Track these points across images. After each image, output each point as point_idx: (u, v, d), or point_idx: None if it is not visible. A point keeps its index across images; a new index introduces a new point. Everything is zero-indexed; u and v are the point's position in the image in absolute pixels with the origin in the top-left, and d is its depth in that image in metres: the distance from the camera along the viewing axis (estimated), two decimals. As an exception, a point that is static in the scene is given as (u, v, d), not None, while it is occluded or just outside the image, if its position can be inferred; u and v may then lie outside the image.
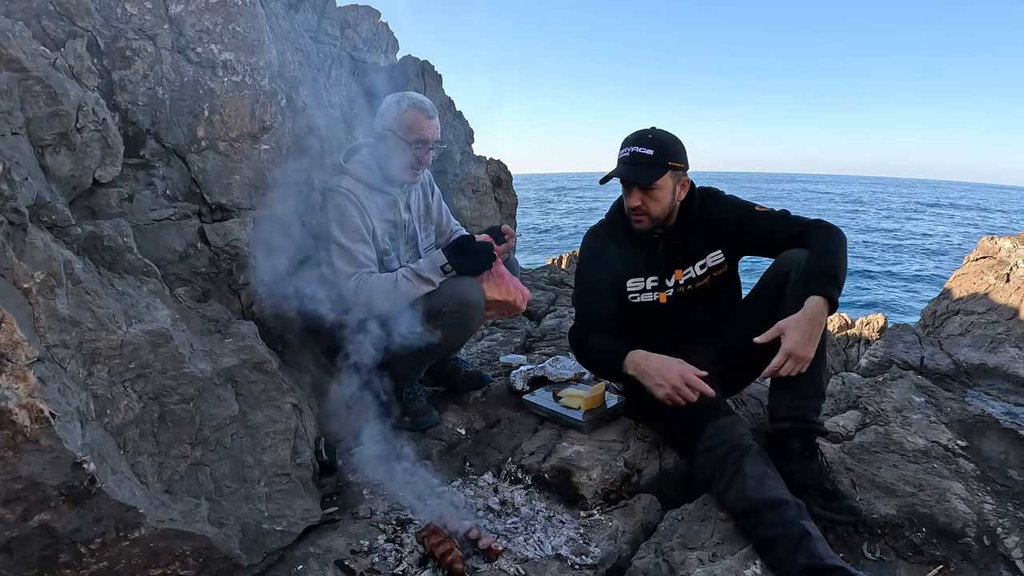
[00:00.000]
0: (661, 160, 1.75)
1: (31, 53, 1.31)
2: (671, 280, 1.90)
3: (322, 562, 1.39)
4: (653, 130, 1.80)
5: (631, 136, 1.81)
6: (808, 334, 1.53)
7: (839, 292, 1.58)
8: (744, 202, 1.89)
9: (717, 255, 1.90)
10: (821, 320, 1.55)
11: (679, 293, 1.91)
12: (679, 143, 1.80)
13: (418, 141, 1.94)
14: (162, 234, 1.64)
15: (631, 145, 1.78)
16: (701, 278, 1.90)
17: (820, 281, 1.57)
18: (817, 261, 1.62)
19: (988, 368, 2.59)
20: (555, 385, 2.20)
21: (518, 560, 1.42)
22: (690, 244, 1.88)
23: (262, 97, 1.91)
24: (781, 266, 1.72)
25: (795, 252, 1.70)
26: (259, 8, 1.95)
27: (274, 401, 1.55)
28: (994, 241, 4.58)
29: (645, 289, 1.92)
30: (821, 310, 1.54)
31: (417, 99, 1.95)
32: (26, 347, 1.00)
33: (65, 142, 1.36)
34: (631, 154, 1.77)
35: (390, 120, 1.94)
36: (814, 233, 1.71)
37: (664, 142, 1.77)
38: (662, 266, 1.90)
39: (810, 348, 1.53)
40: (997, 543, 1.44)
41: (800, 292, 1.59)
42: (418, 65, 6.97)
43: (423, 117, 1.94)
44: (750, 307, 1.84)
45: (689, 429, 1.65)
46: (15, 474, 0.97)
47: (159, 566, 1.19)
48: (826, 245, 1.66)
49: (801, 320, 1.54)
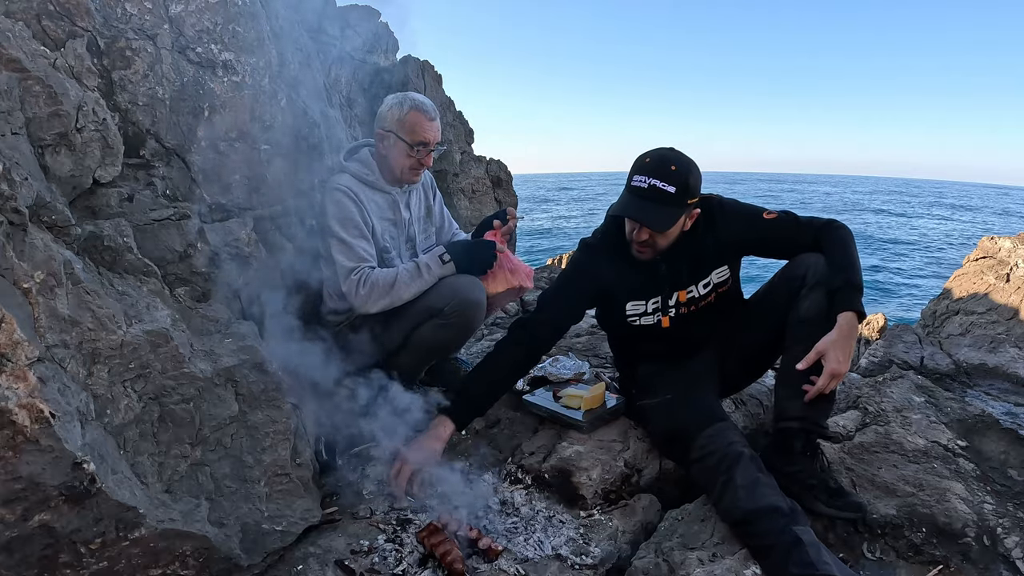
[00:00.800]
0: (681, 200, 1.60)
1: (31, 53, 1.31)
2: (673, 301, 1.83)
3: (322, 562, 1.39)
4: (676, 159, 1.61)
5: (651, 163, 1.62)
6: (847, 352, 1.54)
7: (862, 298, 1.59)
8: (750, 209, 1.80)
9: (723, 271, 1.83)
10: (855, 335, 1.56)
11: (682, 315, 1.84)
12: (698, 173, 1.64)
13: (420, 143, 1.94)
14: (162, 234, 1.63)
15: (651, 176, 1.59)
16: (705, 296, 1.84)
17: (847, 294, 1.57)
18: (839, 271, 1.61)
19: (988, 368, 2.59)
20: (555, 385, 2.19)
21: (518, 560, 1.42)
22: (694, 263, 1.80)
23: (262, 97, 1.91)
24: (796, 269, 1.70)
25: (810, 257, 1.69)
26: (259, 8, 1.95)
27: (274, 401, 1.55)
28: (994, 241, 4.58)
29: (646, 312, 1.85)
30: (853, 325, 1.55)
31: (419, 100, 1.95)
32: (26, 347, 1.00)
33: (65, 142, 1.36)
34: (649, 187, 1.58)
35: (391, 121, 1.94)
36: (827, 237, 1.69)
37: (686, 178, 1.59)
38: (664, 288, 1.82)
39: (848, 364, 1.55)
40: (997, 543, 1.44)
41: (821, 298, 1.60)
42: (418, 65, 6.97)
43: (425, 119, 1.94)
44: (759, 309, 1.82)
45: (681, 439, 1.64)
46: (15, 474, 0.97)
47: (159, 566, 1.19)
48: (843, 252, 1.64)
49: (838, 340, 1.54)
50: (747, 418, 2.22)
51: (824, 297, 1.60)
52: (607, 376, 2.38)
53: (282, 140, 2.00)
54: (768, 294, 1.81)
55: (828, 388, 1.54)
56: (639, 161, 1.65)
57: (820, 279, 1.63)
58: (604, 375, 2.40)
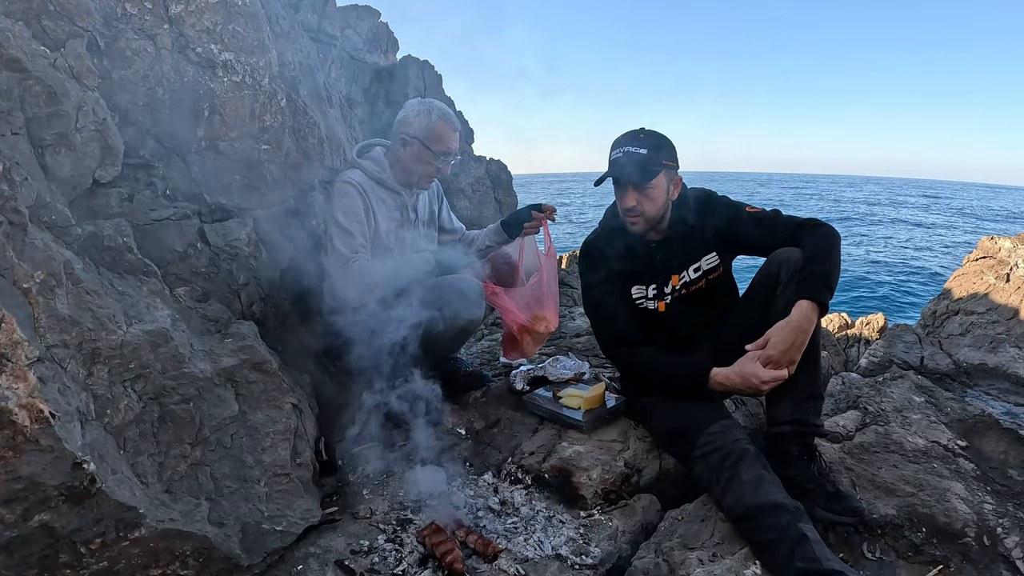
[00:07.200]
0: (655, 158, 1.74)
1: (31, 53, 1.31)
2: (668, 287, 1.90)
3: (322, 562, 1.39)
4: (643, 130, 1.79)
5: (622, 137, 1.79)
6: (791, 341, 1.53)
7: (830, 294, 1.56)
8: (736, 203, 1.87)
9: (712, 258, 1.89)
10: (807, 326, 1.53)
11: (676, 299, 1.91)
12: (670, 141, 1.79)
13: (443, 152, 1.98)
14: (162, 234, 1.64)
15: (623, 145, 1.76)
16: (696, 281, 1.90)
17: (810, 284, 1.55)
18: (808, 263, 1.60)
19: (988, 368, 2.59)
20: (555, 385, 2.19)
21: (518, 560, 1.42)
22: (685, 248, 1.87)
23: (262, 97, 1.91)
24: (771, 266, 1.70)
25: (784, 251, 1.69)
26: (259, 8, 1.95)
27: (274, 401, 1.55)
28: (994, 241, 4.58)
29: (647, 297, 1.93)
30: (808, 315, 1.53)
31: (446, 110, 2.00)
32: (26, 347, 1.00)
33: (65, 142, 1.36)
34: (624, 154, 1.75)
35: (418, 128, 1.97)
36: (807, 233, 1.68)
37: (656, 140, 1.76)
38: (660, 275, 1.90)
39: (794, 354, 1.54)
40: (997, 543, 1.44)
41: (791, 294, 1.58)
42: (418, 65, 6.98)
43: (451, 129, 1.99)
44: (742, 308, 1.84)
45: (684, 436, 1.65)
46: (15, 474, 0.97)
47: (159, 566, 1.19)
48: (818, 246, 1.63)
49: (784, 328, 1.54)
50: (747, 418, 2.22)
51: (793, 289, 1.60)
52: (607, 376, 2.38)
53: (282, 140, 2.00)
54: (749, 294, 1.83)
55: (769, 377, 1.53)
56: (614, 141, 1.81)
57: (793, 274, 1.63)
58: (604, 375, 2.40)
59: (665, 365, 1.80)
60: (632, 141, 1.75)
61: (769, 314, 1.65)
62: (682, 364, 1.79)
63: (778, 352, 1.53)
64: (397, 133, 2.01)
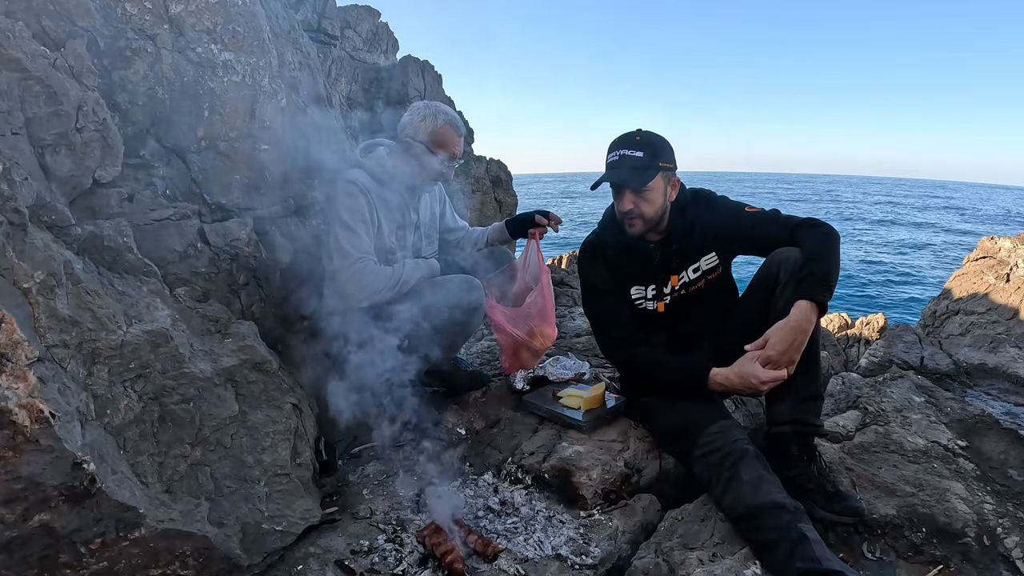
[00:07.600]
0: (651, 161, 1.73)
1: (31, 53, 1.31)
2: (667, 287, 1.90)
3: (322, 562, 1.39)
4: (640, 131, 1.78)
5: (618, 139, 1.78)
6: (790, 341, 1.53)
7: (829, 294, 1.56)
8: (734, 203, 1.88)
9: (711, 258, 1.89)
10: (806, 326, 1.53)
11: (675, 299, 1.91)
12: (667, 142, 1.78)
13: (448, 157, 1.99)
14: (162, 234, 1.64)
15: (619, 148, 1.75)
16: (695, 282, 1.90)
17: (809, 284, 1.55)
18: (807, 263, 1.60)
19: (988, 368, 2.59)
20: (555, 385, 2.20)
21: (518, 560, 1.42)
22: (684, 248, 1.87)
23: (262, 97, 1.91)
24: (770, 266, 1.70)
25: (783, 251, 1.69)
26: (259, 8, 1.95)
27: (274, 401, 1.55)
28: (994, 241, 4.58)
29: (646, 297, 1.93)
30: (807, 315, 1.53)
31: (451, 115, 2.00)
32: (26, 347, 1.00)
33: (65, 142, 1.36)
34: (620, 157, 1.74)
35: (422, 132, 1.97)
36: (806, 233, 1.68)
37: (653, 142, 1.75)
38: (659, 275, 1.89)
39: (793, 354, 1.54)
40: (997, 543, 1.44)
41: (790, 294, 1.58)
42: (418, 65, 6.97)
43: (456, 134, 2.00)
44: (742, 308, 1.84)
45: (684, 436, 1.65)
46: (15, 474, 0.97)
47: (159, 566, 1.19)
48: (817, 245, 1.63)
49: (784, 328, 1.54)
50: (747, 418, 2.22)
51: (792, 289, 1.60)
52: (607, 376, 2.38)
53: (282, 140, 2.00)
54: (748, 294, 1.83)
55: (768, 377, 1.53)
56: (610, 144, 1.81)
57: (792, 274, 1.62)
58: (604, 375, 2.40)
59: (665, 365, 1.80)
60: (628, 144, 1.75)
61: (768, 314, 1.64)
62: (682, 364, 1.79)
63: (777, 352, 1.53)
64: (402, 136, 2.01)
